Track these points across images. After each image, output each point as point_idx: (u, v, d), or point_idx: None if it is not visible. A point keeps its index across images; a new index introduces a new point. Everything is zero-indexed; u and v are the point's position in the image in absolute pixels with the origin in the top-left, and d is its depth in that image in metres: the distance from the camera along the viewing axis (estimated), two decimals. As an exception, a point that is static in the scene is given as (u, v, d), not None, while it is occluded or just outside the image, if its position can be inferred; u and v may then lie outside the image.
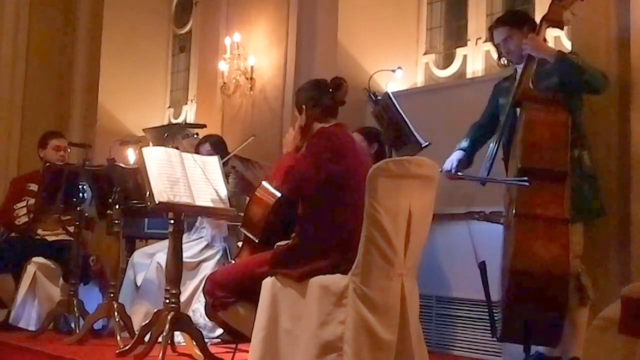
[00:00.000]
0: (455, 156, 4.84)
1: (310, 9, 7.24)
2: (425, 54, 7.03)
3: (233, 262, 4.95)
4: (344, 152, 4.15)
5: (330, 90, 4.39)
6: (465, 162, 4.85)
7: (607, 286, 4.60)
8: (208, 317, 4.93)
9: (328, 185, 4.08)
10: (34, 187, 6.63)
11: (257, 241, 4.59)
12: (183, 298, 5.46)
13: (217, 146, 6.30)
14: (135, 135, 9.02)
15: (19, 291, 6.48)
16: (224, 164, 5.51)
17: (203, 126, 6.01)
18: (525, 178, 4.06)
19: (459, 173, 4.77)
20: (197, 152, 6.28)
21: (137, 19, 9.81)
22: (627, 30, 4.74)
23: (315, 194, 4.10)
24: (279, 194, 4.44)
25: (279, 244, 4.31)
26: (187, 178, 5.01)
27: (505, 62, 4.83)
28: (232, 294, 4.39)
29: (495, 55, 5.03)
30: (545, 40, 4.59)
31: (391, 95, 5.32)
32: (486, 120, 4.90)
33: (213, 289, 4.44)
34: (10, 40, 9.87)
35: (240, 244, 5.07)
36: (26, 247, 6.60)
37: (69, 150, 6.85)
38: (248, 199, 4.79)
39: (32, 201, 6.61)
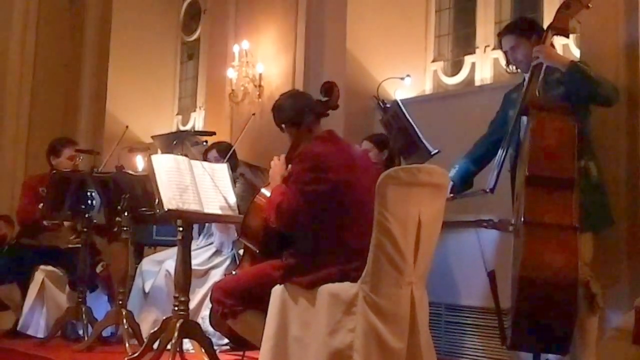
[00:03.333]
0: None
1: (318, 17, 7.25)
2: (433, 61, 7.03)
3: (234, 273, 4.94)
4: (326, 167, 4.09)
5: (322, 95, 4.36)
6: (459, 186, 4.85)
7: (617, 294, 4.59)
8: (213, 326, 4.93)
9: (321, 205, 4.06)
10: None
11: (257, 251, 4.56)
12: (192, 305, 5.46)
13: (225, 153, 6.29)
14: (143, 142, 9.02)
15: (27, 298, 6.48)
16: (232, 171, 5.50)
17: (212, 133, 6.01)
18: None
19: (451, 195, 4.79)
20: (204, 158, 6.28)
21: (146, 26, 9.83)
22: (636, 39, 4.74)
23: (311, 218, 4.09)
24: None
25: (286, 253, 4.30)
26: (196, 185, 5.01)
27: (514, 68, 4.82)
28: (241, 302, 4.37)
29: (503, 62, 5.02)
30: (553, 47, 4.58)
31: (400, 103, 5.31)
32: (492, 138, 4.86)
33: (221, 297, 4.41)
34: (18, 46, 9.90)
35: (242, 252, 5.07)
36: (33, 254, 6.60)
37: (80, 157, 6.82)
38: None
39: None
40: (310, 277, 4.00)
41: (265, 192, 4.46)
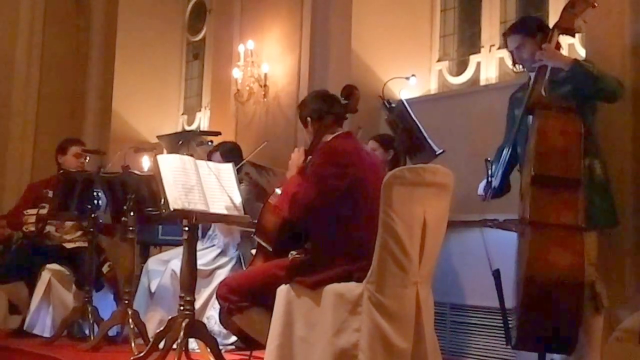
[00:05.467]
0: (487, 186, 4.76)
1: (323, 17, 7.25)
2: (438, 61, 7.02)
3: (244, 269, 4.97)
4: (347, 163, 4.15)
5: (343, 98, 4.40)
6: (500, 191, 4.79)
7: (622, 294, 4.58)
8: (222, 324, 4.94)
9: (335, 201, 4.10)
10: (52, 193, 6.62)
11: (270, 250, 4.59)
12: (197, 305, 5.46)
13: (229, 154, 6.25)
14: (149, 142, 9.03)
15: (33, 298, 6.48)
16: (238, 171, 5.51)
17: (217, 133, 6.00)
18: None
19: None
20: (208, 160, 6.27)
21: (151, 26, 9.82)
22: (642, 38, 4.74)
23: (323, 214, 4.12)
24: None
25: (292, 253, 4.32)
26: (202, 185, 5.02)
27: (521, 67, 4.81)
28: (246, 298, 4.41)
29: (509, 62, 5.01)
30: (559, 46, 4.57)
31: (405, 103, 5.32)
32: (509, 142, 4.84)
33: (227, 294, 4.46)
34: (24, 47, 9.90)
35: (254, 251, 5.08)
36: (40, 254, 6.60)
37: (87, 158, 6.83)
38: (262, 206, 4.80)
39: (42, 210, 6.60)
40: (315, 277, 4.01)
41: (280, 192, 4.51)
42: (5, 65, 9.79)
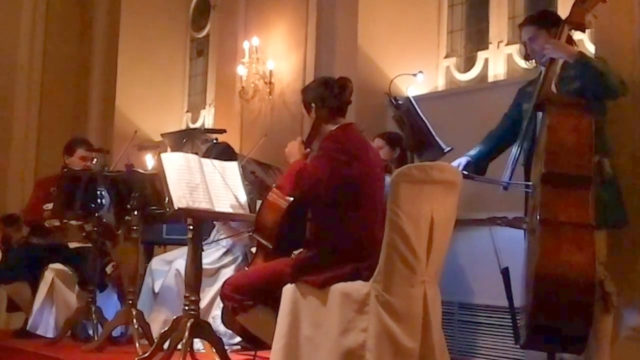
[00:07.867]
0: (463, 159, 4.82)
1: (329, 13, 7.21)
2: (446, 57, 6.99)
3: (247, 269, 4.93)
4: (357, 155, 4.12)
5: (337, 91, 4.35)
6: (474, 168, 4.80)
7: (632, 294, 4.55)
8: (225, 324, 4.92)
9: (341, 189, 4.04)
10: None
11: (270, 247, 4.54)
12: (202, 305, 5.43)
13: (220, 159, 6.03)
14: (153, 140, 9.00)
15: (36, 298, 6.47)
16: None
17: (223, 131, 5.95)
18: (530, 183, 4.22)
19: (465, 172, 4.72)
20: None
21: (155, 23, 9.81)
22: (653, 34, 4.69)
23: (329, 199, 4.06)
24: (291, 198, 4.33)
25: (295, 252, 4.28)
26: (206, 184, 4.98)
27: (533, 62, 4.78)
28: (251, 297, 4.39)
29: (522, 54, 4.98)
30: (572, 41, 4.53)
31: (412, 100, 5.27)
32: (504, 129, 4.84)
33: (231, 293, 4.44)
34: (27, 44, 9.90)
35: (254, 249, 5.05)
36: (43, 253, 6.57)
37: (94, 161, 6.75)
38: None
39: None
40: (321, 276, 3.98)
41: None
42: (8, 62, 9.78)
